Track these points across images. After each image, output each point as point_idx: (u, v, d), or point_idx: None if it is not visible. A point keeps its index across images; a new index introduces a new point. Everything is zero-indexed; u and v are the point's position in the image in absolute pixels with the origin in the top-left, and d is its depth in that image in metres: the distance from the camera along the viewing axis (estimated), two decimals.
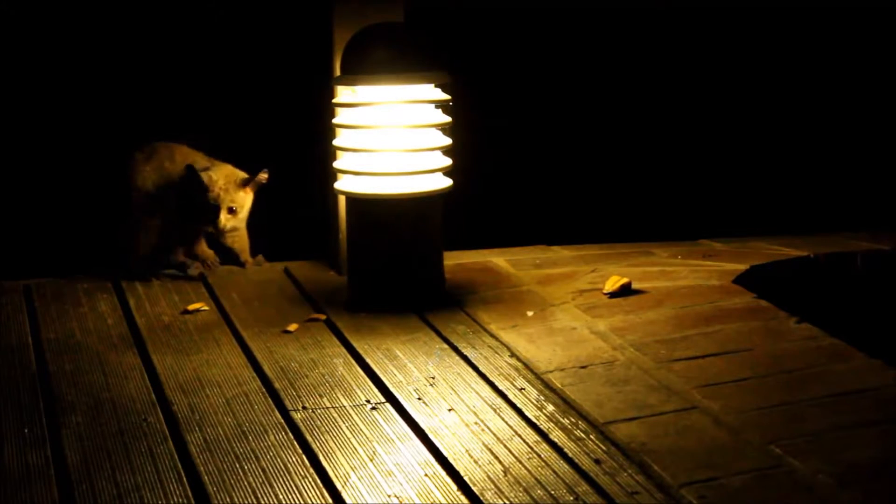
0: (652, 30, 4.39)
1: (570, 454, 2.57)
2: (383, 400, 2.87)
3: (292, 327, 3.37)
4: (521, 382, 2.96)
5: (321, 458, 2.57)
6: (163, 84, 4.04)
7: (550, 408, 2.81)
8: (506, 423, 2.73)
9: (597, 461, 2.53)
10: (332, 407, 2.83)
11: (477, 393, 2.90)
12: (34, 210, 4.02)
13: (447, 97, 3.53)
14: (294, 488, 2.43)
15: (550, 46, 4.34)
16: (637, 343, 3.18)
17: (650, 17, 4.37)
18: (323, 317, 3.46)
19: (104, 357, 3.18)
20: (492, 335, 3.29)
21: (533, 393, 2.90)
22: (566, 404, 2.83)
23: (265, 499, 2.40)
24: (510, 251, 4.09)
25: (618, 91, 4.39)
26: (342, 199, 3.71)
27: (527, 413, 2.78)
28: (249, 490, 2.43)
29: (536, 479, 2.47)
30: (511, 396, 2.88)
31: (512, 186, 4.45)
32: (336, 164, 3.59)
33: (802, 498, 2.36)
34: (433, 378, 3.00)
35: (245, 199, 3.84)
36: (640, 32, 4.39)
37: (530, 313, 3.45)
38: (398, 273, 3.53)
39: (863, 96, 4.55)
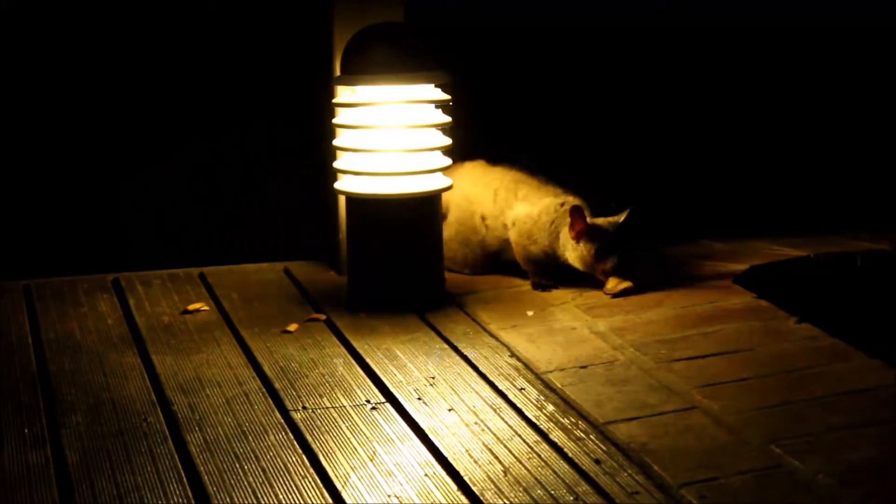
0: (651, 30, 4.39)
1: (570, 454, 2.57)
2: (383, 400, 2.87)
3: (292, 327, 3.37)
4: (521, 382, 2.96)
5: (321, 458, 2.57)
6: (163, 83, 4.04)
7: (550, 408, 2.81)
8: (506, 423, 2.73)
9: (597, 461, 2.53)
10: (332, 407, 2.83)
11: (477, 393, 2.90)
12: (35, 209, 4.02)
13: (447, 97, 3.53)
14: (294, 488, 2.43)
15: (551, 45, 4.34)
16: (637, 343, 3.18)
17: (650, 16, 4.37)
18: (323, 317, 3.46)
19: (104, 357, 3.18)
20: (492, 335, 3.29)
21: (533, 393, 2.90)
22: (566, 404, 2.83)
23: (265, 499, 2.40)
24: None
25: (617, 90, 4.39)
26: (342, 199, 3.71)
27: (527, 413, 2.78)
28: (249, 490, 2.43)
29: (536, 479, 2.47)
30: (511, 396, 2.88)
31: None
32: (336, 164, 3.59)
33: (802, 498, 2.36)
34: (433, 378, 3.00)
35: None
36: (640, 32, 4.38)
37: (530, 313, 3.45)
38: (398, 273, 3.53)
39: (863, 96, 4.55)
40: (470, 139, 3.81)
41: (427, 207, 3.54)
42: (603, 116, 4.38)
